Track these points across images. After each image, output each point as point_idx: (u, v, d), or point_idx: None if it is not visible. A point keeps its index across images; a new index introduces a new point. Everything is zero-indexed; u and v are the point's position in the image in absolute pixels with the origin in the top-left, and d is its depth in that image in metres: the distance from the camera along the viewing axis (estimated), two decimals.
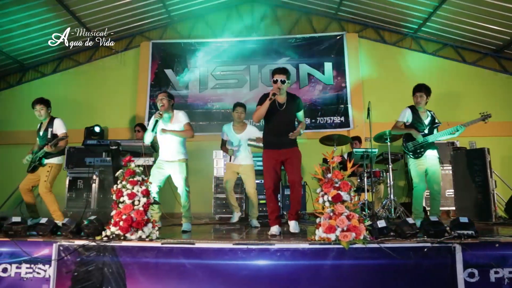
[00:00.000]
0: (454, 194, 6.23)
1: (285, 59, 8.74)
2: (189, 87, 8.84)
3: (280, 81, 4.18)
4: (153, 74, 8.95)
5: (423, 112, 5.04)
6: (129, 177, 3.60)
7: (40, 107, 5.17)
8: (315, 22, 9.18)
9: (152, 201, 3.61)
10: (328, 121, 8.35)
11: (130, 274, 3.10)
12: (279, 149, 4.22)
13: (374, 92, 8.31)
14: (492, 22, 7.74)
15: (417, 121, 4.99)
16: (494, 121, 8.26)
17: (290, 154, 4.21)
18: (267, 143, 4.36)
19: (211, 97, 8.74)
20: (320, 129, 8.19)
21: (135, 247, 3.17)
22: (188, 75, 8.91)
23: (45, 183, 4.95)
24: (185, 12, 9.21)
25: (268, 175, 4.21)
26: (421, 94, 4.96)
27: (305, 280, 2.98)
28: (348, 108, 8.33)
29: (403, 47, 8.97)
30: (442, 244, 3.02)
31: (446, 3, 7.46)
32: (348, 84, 8.49)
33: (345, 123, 8.29)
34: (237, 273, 3.01)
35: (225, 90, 8.72)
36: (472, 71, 8.73)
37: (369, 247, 2.99)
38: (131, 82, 9.10)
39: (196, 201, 6.84)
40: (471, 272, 2.98)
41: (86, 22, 8.33)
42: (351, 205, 3.18)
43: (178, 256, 3.09)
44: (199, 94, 8.76)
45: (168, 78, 8.92)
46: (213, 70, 8.87)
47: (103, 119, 8.80)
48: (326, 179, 3.28)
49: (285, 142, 4.23)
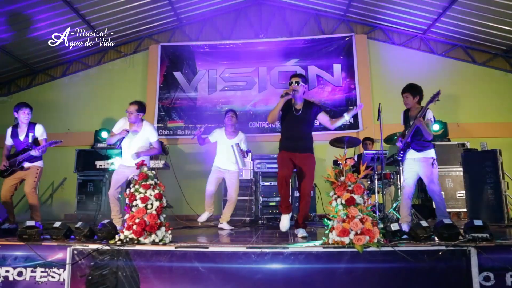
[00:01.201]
0: (466, 195, 6.18)
1: (294, 61, 8.74)
2: (198, 89, 8.86)
3: (294, 82, 4.25)
4: (162, 77, 8.99)
5: (414, 112, 4.83)
6: (142, 181, 3.62)
7: (28, 111, 5.26)
8: (323, 23, 9.17)
9: (165, 204, 3.61)
10: None
11: (144, 278, 3.11)
12: (294, 152, 4.27)
13: (383, 94, 8.28)
14: (502, 22, 7.68)
15: (405, 122, 4.94)
16: (504, 122, 8.31)
17: (304, 161, 4.25)
18: (282, 147, 4.40)
19: (220, 99, 8.75)
20: (329, 131, 8.13)
21: (149, 251, 3.17)
22: (196, 77, 8.93)
23: (34, 184, 5.20)
24: (193, 15, 9.25)
25: (282, 166, 4.26)
26: (406, 94, 4.85)
27: (318, 283, 2.97)
28: None
29: (412, 48, 8.94)
30: (457, 248, 3.00)
31: (456, 4, 7.41)
32: (357, 86, 8.46)
33: (355, 125, 8.26)
34: (251, 276, 3.00)
35: (234, 92, 8.73)
36: (482, 72, 8.68)
37: (383, 251, 2.97)
38: (140, 85, 9.15)
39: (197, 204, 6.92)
40: (486, 276, 2.95)
41: (96, 25, 8.38)
42: (364, 208, 3.17)
43: (191, 260, 3.09)
44: (207, 97, 8.77)
45: (177, 80, 8.95)
46: (221, 73, 8.89)
47: (112, 122, 8.81)
48: (339, 182, 3.27)
49: (301, 147, 4.29)
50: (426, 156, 4.70)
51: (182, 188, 7.05)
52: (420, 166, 4.67)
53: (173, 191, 6.74)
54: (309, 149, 4.34)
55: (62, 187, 8.56)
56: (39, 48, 8.55)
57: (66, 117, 9.04)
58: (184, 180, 7.94)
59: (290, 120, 4.33)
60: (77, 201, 7.59)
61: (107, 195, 5.16)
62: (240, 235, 4.68)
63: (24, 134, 5.26)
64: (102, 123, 8.66)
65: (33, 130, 5.30)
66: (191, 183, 7.75)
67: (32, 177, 5.20)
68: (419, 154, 4.70)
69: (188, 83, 8.91)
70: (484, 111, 8.44)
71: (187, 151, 8.59)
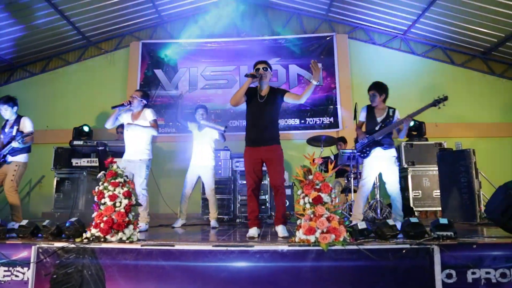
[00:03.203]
0: (440, 194, 6.25)
1: (275, 60, 8.74)
2: (179, 87, 8.82)
3: (262, 68, 4.13)
4: (142, 74, 8.94)
5: (381, 109, 4.91)
6: (111, 179, 3.59)
7: (4, 108, 5.14)
8: (305, 23, 9.20)
9: (134, 202, 3.59)
10: (317, 122, 8.37)
11: (110, 276, 3.08)
12: (258, 146, 4.10)
13: (363, 93, 8.25)
14: (480, 25, 7.80)
15: (369, 119, 4.93)
16: (481, 122, 8.45)
17: (270, 154, 4.07)
18: (247, 140, 4.24)
19: (200, 97, 8.73)
20: (309, 130, 8.21)
21: (114, 249, 3.15)
22: (177, 75, 8.90)
23: (12, 182, 5.00)
24: (175, 12, 9.20)
25: (248, 174, 4.14)
26: (372, 92, 4.89)
27: (284, 281, 2.98)
28: (338, 109, 8.37)
29: (392, 48, 9.02)
30: (420, 246, 3.03)
31: (434, 5, 7.51)
32: (337, 85, 8.52)
33: (334, 124, 8.31)
34: (216, 275, 3.00)
35: (215, 91, 8.72)
36: (460, 73, 8.81)
37: (348, 249, 2.99)
38: (121, 82, 9.08)
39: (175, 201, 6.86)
40: (449, 273, 2.99)
41: (75, 21, 8.30)
42: (331, 207, 3.19)
43: (157, 258, 3.07)
44: (188, 95, 8.74)
45: (157, 78, 8.90)
46: (203, 71, 8.87)
47: (92, 119, 8.78)
48: (307, 181, 3.28)
49: (265, 139, 4.10)
50: (393, 154, 4.77)
51: (162, 186, 7.02)
52: (387, 164, 4.72)
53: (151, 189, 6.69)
54: (274, 140, 4.13)
55: (40, 185, 8.46)
56: (17, 44, 8.42)
57: (45, 114, 8.92)
58: (163, 178, 7.93)
59: (254, 107, 4.16)
60: (55, 199, 7.49)
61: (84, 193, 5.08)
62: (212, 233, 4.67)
63: (9, 126, 5.18)
64: (81, 120, 8.55)
65: (19, 123, 5.19)
66: (170, 181, 7.73)
67: (10, 174, 5.02)
68: (386, 152, 4.73)
69: (169, 81, 8.87)
70: (462, 111, 8.56)
71: (167, 149, 8.54)
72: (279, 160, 4.12)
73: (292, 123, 8.36)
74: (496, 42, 8.18)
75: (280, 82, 8.63)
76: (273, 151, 4.10)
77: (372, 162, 4.78)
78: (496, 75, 8.71)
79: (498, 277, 3.00)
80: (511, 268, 3.01)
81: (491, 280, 2.99)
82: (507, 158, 8.21)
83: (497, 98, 8.59)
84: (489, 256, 3.04)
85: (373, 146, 4.75)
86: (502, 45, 8.16)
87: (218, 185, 7.05)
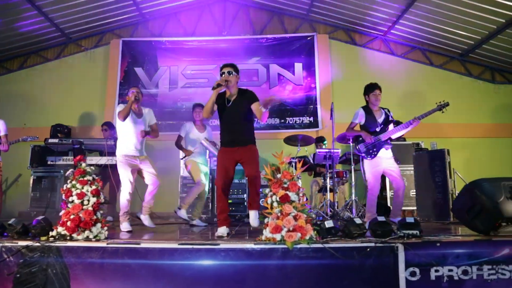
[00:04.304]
0: (416, 194, 6.34)
1: (255, 59, 8.76)
2: (159, 85, 8.78)
3: (226, 72, 4.10)
4: (122, 72, 8.86)
5: (377, 111, 5.01)
6: (79, 177, 3.56)
7: None
8: (286, 22, 9.22)
9: (102, 200, 3.57)
10: (297, 121, 8.41)
11: (75, 275, 3.05)
12: (233, 147, 4.10)
13: (343, 93, 8.40)
14: (458, 27, 7.91)
15: (369, 121, 4.98)
16: (459, 123, 8.57)
17: (245, 154, 4.08)
18: (222, 142, 4.25)
19: (180, 96, 8.70)
20: (289, 129, 8.24)
21: (80, 247, 3.12)
22: (158, 73, 8.85)
23: None
24: (156, 10, 9.14)
25: (219, 173, 4.11)
26: (379, 92, 4.97)
27: (250, 280, 2.99)
28: (317, 109, 8.41)
29: (373, 49, 9.09)
30: (385, 244, 3.07)
31: (413, 7, 7.58)
32: (317, 85, 8.56)
33: (314, 123, 8.36)
34: (182, 273, 2.99)
35: (195, 90, 8.68)
36: (438, 74, 8.92)
37: (313, 247, 3.01)
38: (101, 80, 8.98)
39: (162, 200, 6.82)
40: (412, 271, 3.03)
41: (54, 18, 8.19)
42: (299, 206, 3.20)
43: (123, 257, 3.06)
44: (168, 93, 8.71)
45: (138, 76, 8.84)
46: (183, 69, 8.84)
47: (71, 117, 8.69)
48: (275, 180, 3.29)
49: (239, 140, 4.10)
50: (392, 153, 4.95)
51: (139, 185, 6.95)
52: (390, 162, 4.90)
53: None
54: (249, 141, 4.14)
55: (16, 184, 8.33)
56: None
57: (23, 112, 8.79)
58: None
59: (225, 112, 4.15)
60: (31, 198, 7.40)
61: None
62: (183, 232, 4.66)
63: None
64: (60, 118, 8.44)
65: None
66: None
67: None
68: (389, 153, 4.91)
69: (149, 79, 8.82)
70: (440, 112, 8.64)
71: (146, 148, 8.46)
72: (254, 157, 4.14)
73: (273, 122, 8.38)
74: (473, 44, 8.30)
75: (261, 81, 8.64)
76: (248, 150, 4.11)
77: (378, 162, 4.88)
78: (472, 77, 8.85)
79: (460, 274, 3.05)
80: (473, 266, 3.07)
81: (453, 278, 3.04)
82: (483, 158, 8.34)
83: (474, 99, 8.72)
84: (452, 254, 3.09)
85: (379, 146, 4.83)
86: (479, 47, 8.29)
87: None
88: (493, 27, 7.55)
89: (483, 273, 3.06)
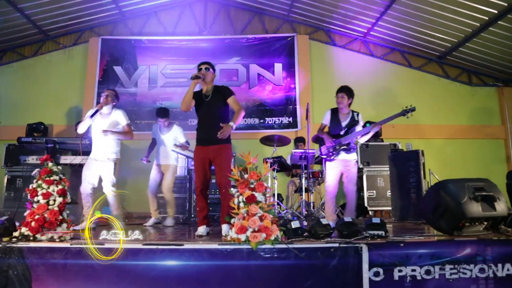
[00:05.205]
0: (391, 194, 6.40)
1: (235, 59, 8.75)
2: (138, 84, 8.72)
3: (204, 68, 4.18)
4: (101, 71, 8.77)
5: (345, 114, 5.00)
6: (45, 176, 3.51)
7: None
8: (267, 23, 9.23)
9: (69, 200, 3.52)
10: (276, 122, 8.43)
11: (37, 276, 3.01)
12: (207, 145, 4.10)
13: (322, 94, 8.43)
14: (435, 30, 8.02)
15: (334, 123, 4.99)
16: (436, 124, 8.69)
17: (218, 153, 4.07)
18: (197, 139, 4.25)
19: (160, 95, 8.65)
20: (268, 129, 8.25)
21: (43, 248, 3.09)
22: (137, 72, 8.79)
23: None
24: (136, 9, 9.07)
25: (196, 174, 4.15)
26: (342, 95, 4.94)
27: (214, 280, 2.98)
28: (297, 109, 8.44)
29: (353, 50, 9.15)
30: (349, 245, 3.09)
31: (391, 9, 7.66)
32: (297, 85, 8.59)
33: (293, 123, 8.38)
34: (146, 273, 2.98)
35: (174, 89, 8.62)
36: (417, 76, 9.03)
37: (278, 248, 3.02)
38: (79, 78, 8.87)
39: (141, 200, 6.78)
40: (376, 271, 3.07)
41: (30, 14, 8.05)
42: (265, 206, 3.21)
43: (87, 257, 3.02)
44: (148, 92, 8.66)
45: (117, 75, 8.76)
46: (163, 68, 8.79)
47: (49, 116, 8.54)
48: (242, 180, 3.29)
49: (214, 138, 4.03)
50: (354, 157, 4.95)
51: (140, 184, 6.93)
52: (349, 167, 4.88)
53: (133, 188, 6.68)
54: (224, 140, 4.10)
55: None
56: None
57: None
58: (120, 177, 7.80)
59: (201, 108, 4.21)
60: (5, 198, 7.26)
61: None
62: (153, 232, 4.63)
63: None
64: (37, 116, 8.30)
65: None
66: (127, 179, 7.62)
67: None
68: (349, 156, 4.89)
69: (129, 78, 8.75)
70: (418, 113, 8.68)
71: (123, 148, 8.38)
72: (227, 159, 4.13)
73: (252, 122, 8.38)
74: (450, 47, 8.42)
75: (241, 81, 8.64)
76: (221, 150, 4.10)
77: (336, 165, 4.89)
78: (450, 79, 8.98)
79: (423, 274, 3.10)
80: (435, 265, 3.12)
81: (416, 277, 3.09)
82: (459, 158, 8.47)
83: (451, 101, 8.85)
84: (416, 254, 3.14)
85: (339, 150, 4.85)
86: (456, 50, 8.41)
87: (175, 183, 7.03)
88: (469, 30, 7.67)
89: (445, 272, 3.11)
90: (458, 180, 3.61)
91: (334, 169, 4.91)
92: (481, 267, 3.13)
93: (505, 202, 3.52)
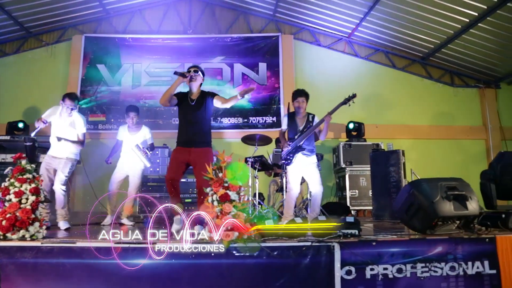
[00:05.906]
0: (372, 193, 6.44)
1: (220, 58, 8.73)
2: (122, 83, 8.65)
3: (193, 70, 4.21)
4: (84, 69, 8.67)
5: (302, 118, 5.00)
6: (18, 174, 3.47)
7: None
8: (252, 22, 9.22)
9: (42, 199, 3.49)
10: (260, 121, 8.43)
11: (6, 276, 2.97)
12: (188, 147, 4.12)
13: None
14: (418, 31, 8.09)
15: (291, 127, 5.02)
16: (419, 124, 8.78)
17: (199, 156, 4.06)
18: (177, 141, 4.27)
19: (143, 94, 8.60)
20: (252, 128, 8.25)
21: (13, 247, 3.05)
22: (121, 71, 8.71)
23: None
24: (121, 6, 8.99)
25: (169, 169, 4.18)
26: (302, 99, 4.94)
27: (186, 279, 2.98)
28: (281, 109, 8.45)
29: (337, 51, 9.18)
30: (321, 244, 3.11)
31: (375, 10, 7.70)
32: (281, 85, 8.60)
33: (277, 123, 8.38)
34: (117, 272, 2.95)
35: (158, 88, 8.55)
36: (401, 76, 9.11)
37: (250, 246, 3.02)
38: (62, 76, 8.76)
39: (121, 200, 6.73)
40: (348, 270, 3.09)
41: (11, 11, 7.94)
42: (239, 205, 3.22)
43: (58, 256, 3.00)
44: (131, 91, 8.59)
45: (100, 73, 8.67)
46: (147, 67, 8.73)
47: (30, 114, 8.42)
48: (216, 179, 3.29)
49: (195, 141, 4.13)
50: (313, 161, 4.95)
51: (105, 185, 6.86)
52: (309, 169, 4.90)
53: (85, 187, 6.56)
54: (205, 143, 4.18)
55: None
56: None
57: None
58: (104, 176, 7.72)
59: (185, 111, 4.22)
60: None
61: None
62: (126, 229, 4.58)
63: None
64: (18, 114, 8.21)
65: None
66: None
67: None
68: (307, 159, 4.89)
69: (112, 76, 8.67)
70: (401, 113, 8.87)
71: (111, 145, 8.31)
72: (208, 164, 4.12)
73: (235, 121, 8.38)
74: (433, 48, 8.51)
75: (225, 80, 8.62)
76: (202, 153, 4.11)
77: (295, 169, 4.92)
78: (433, 80, 9.08)
79: (395, 272, 3.13)
80: (407, 264, 3.15)
81: (388, 276, 3.12)
82: (442, 158, 8.57)
83: (434, 101, 8.96)
84: (388, 252, 3.17)
85: (295, 152, 4.86)
86: (438, 51, 8.50)
87: (157, 182, 7.02)
88: (451, 32, 7.76)
89: (416, 270, 3.15)
90: (431, 179, 3.66)
91: (295, 172, 4.95)
92: (451, 265, 3.17)
93: (477, 201, 3.57)
